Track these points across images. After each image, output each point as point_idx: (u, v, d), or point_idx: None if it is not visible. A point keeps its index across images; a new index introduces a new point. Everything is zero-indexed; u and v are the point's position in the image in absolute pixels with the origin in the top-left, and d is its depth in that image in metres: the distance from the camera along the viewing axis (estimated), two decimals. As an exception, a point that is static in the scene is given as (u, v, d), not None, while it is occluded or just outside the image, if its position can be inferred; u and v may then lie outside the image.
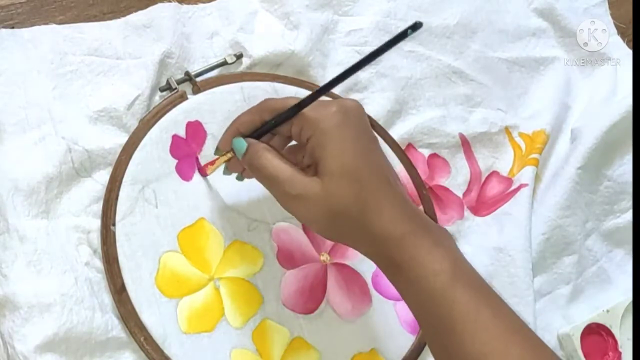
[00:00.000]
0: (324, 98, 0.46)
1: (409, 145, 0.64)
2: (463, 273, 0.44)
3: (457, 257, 0.45)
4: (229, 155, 0.50)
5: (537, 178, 0.65)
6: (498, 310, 0.43)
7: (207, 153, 0.56)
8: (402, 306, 0.58)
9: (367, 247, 0.46)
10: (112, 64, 0.56)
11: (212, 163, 0.53)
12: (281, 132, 0.48)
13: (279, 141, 0.49)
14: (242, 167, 0.51)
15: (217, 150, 0.51)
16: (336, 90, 0.61)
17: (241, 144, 0.48)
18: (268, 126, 0.48)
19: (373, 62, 0.63)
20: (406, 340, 0.57)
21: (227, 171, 0.53)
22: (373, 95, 0.63)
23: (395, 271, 0.45)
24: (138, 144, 0.54)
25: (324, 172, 0.44)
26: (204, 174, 0.55)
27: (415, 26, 0.39)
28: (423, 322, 0.45)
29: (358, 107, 0.47)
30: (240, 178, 0.53)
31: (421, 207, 0.61)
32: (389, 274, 0.46)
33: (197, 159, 0.56)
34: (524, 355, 0.41)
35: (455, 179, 0.65)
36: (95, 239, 0.52)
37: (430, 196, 0.62)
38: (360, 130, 0.46)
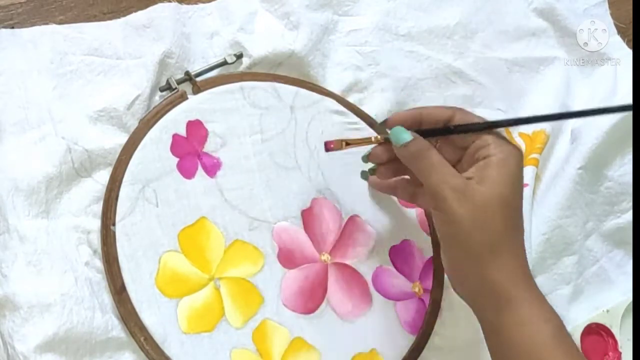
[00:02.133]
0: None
1: (409, 145, 0.64)
2: (563, 335, 0.46)
3: (561, 322, 0.47)
4: (380, 140, 0.50)
5: (537, 178, 0.65)
6: None
7: (209, 149, 0.56)
8: (402, 306, 0.58)
9: (478, 279, 0.47)
10: (112, 64, 0.56)
11: (355, 142, 0.52)
12: (458, 140, 0.49)
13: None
14: (384, 159, 0.52)
15: (378, 127, 0.52)
16: (336, 90, 0.62)
17: (405, 133, 0.49)
18: (456, 130, 0.49)
19: (372, 62, 0.64)
20: (406, 340, 0.57)
21: (366, 159, 0.53)
22: (373, 95, 0.63)
23: (501, 309, 0.46)
24: (138, 143, 0.54)
25: (491, 184, 0.46)
26: (338, 147, 0.52)
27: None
28: None
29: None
30: (365, 175, 0.53)
31: (421, 208, 0.61)
32: (489, 310, 0.47)
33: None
34: None
35: (456, 179, 0.65)
36: (95, 239, 0.52)
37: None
38: (521, 180, 0.48)
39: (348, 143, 0.52)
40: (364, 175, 0.54)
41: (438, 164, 0.47)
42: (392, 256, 0.59)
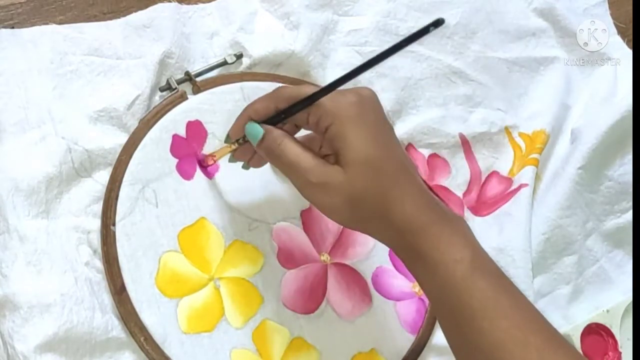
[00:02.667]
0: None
1: (409, 145, 0.64)
2: (482, 261, 0.45)
3: (476, 246, 0.45)
4: (234, 145, 0.50)
5: (537, 178, 0.65)
6: (516, 299, 0.44)
7: (208, 151, 0.56)
8: (402, 306, 0.58)
9: (388, 235, 0.46)
10: (112, 64, 0.56)
11: (214, 155, 0.54)
12: (295, 120, 0.47)
13: (289, 129, 0.48)
14: (249, 155, 0.51)
15: (227, 138, 0.51)
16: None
17: (257, 129, 0.47)
18: (282, 115, 0.47)
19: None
20: (406, 340, 0.57)
21: (233, 159, 0.53)
22: (373, 95, 0.63)
23: (415, 259, 0.45)
24: (138, 144, 0.54)
25: (346, 161, 0.44)
26: (205, 165, 0.55)
27: (438, 22, 0.39)
28: (441, 310, 0.46)
29: (374, 95, 0.47)
30: (246, 167, 0.53)
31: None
32: (408, 263, 0.46)
33: (197, 156, 0.56)
34: (542, 345, 0.42)
35: (455, 179, 0.65)
36: (95, 239, 0.52)
37: (430, 196, 0.62)
38: (378, 119, 0.46)
39: (213, 156, 0.54)
40: (245, 166, 0.53)
41: (293, 160, 0.46)
42: (392, 256, 0.59)
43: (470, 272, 0.43)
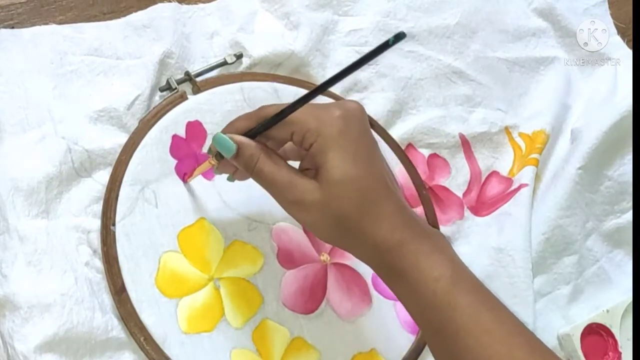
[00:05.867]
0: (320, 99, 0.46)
1: (409, 145, 0.64)
2: (462, 277, 0.44)
3: (456, 261, 0.45)
4: (213, 161, 0.49)
5: (537, 178, 0.65)
6: (499, 314, 0.44)
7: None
8: (402, 306, 0.58)
9: (366, 253, 0.46)
10: (112, 64, 0.56)
11: (191, 173, 0.54)
12: (279, 138, 0.47)
13: (274, 146, 0.48)
14: (232, 168, 0.50)
15: (210, 150, 0.50)
16: (337, 90, 0.62)
17: (226, 142, 0.46)
18: (255, 131, 0.46)
19: (372, 62, 0.64)
20: (406, 340, 0.57)
21: (218, 171, 0.52)
22: (373, 95, 0.63)
23: (395, 278, 0.45)
24: (138, 144, 0.54)
25: (325, 179, 0.44)
26: (185, 180, 0.55)
27: (399, 36, 0.39)
28: (425, 327, 0.45)
29: (360, 109, 0.47)
30: (231, 179, 0.52)
31: (420, 208, 0.61)
32: (388, 281, 0.46)
33: (196, 157, 0.56)
34: (527, 357, 0.42)
35: (455, 179, 0.65)
36: (95, 239, 0.52)
37: (430, 196, 0.62)
38: (361, 135, 0.46)
39: (190, 175, 0.54)
40: (230, 178, 0.52)
41: (268, 178, 0.46)
42: (392, 256, 0.59)
43: (451, 289, 0.43)
